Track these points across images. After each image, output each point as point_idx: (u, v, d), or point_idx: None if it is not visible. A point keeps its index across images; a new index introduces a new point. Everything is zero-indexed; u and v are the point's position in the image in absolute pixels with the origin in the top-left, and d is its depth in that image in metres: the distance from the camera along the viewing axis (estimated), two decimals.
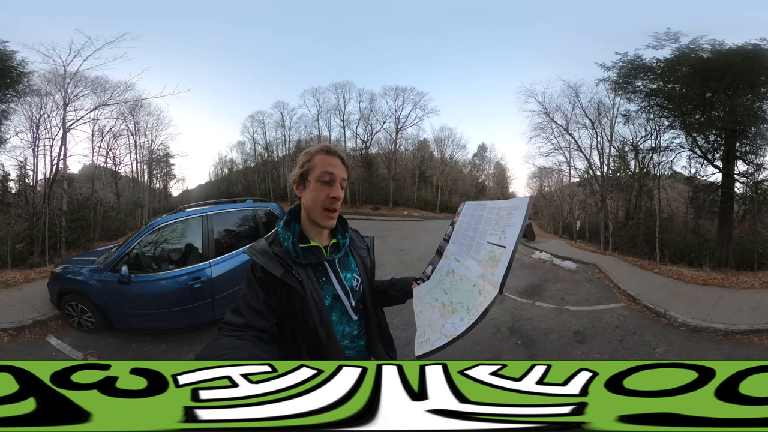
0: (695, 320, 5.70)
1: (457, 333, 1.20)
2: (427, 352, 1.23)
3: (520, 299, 6.87)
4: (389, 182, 15.76)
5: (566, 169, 11.86)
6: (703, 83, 9.00)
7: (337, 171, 1.43)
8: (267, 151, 16.06)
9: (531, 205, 1.27)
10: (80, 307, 5.15)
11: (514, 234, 1.23)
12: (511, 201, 1.34)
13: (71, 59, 9.06)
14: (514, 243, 1.21)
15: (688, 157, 9.67)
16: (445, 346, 1.21)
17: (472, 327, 1.19)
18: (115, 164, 12.26)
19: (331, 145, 1.47)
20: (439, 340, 1.23)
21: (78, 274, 5.19)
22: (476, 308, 1.19)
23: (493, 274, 1.21)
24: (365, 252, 1.66)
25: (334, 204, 1.42)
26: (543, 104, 11.23)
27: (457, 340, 1.20)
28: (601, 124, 10.57)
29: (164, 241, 5.13)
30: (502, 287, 1.17)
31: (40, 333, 5.33)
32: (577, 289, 7.52)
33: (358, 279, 1.56)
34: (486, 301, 1.18)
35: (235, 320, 1.34)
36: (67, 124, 9.69)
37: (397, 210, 15.60)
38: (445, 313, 1.29)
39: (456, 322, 1.22)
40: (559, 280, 8.17)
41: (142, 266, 4.98)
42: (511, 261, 1.19)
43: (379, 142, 15.96)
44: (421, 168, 16.35)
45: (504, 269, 1.18)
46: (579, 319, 6.05)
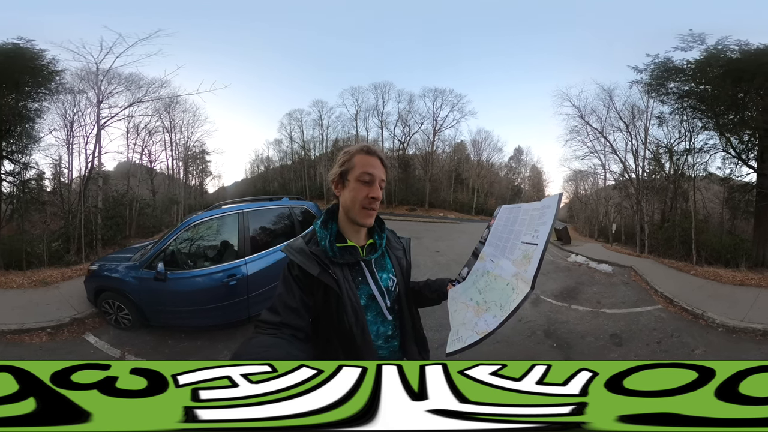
0: (733, 321, 5.60)
1: (489, 330, 1.21)
2: (458, 349, 1.24)
3: (556, 302, 6.77)
4: (426, 184, 15.75)
5: (601, 172, 11.94)
6: (734, 84, 8.87)
7: (376, 171, 1.43)
8: (304, 150, 16.17)
9: (560, 201, 1.28)
10: (117, 305, 5.17)
11: (545, 231, 1.24)
12: (543, 200, 1.35)
13: (103, 56, 9.07)
14: (545, 240, 1.22)
15: (722, 158, 9.59)
16: (477, 342, 1.22)
17: (503, 323, 1.20)
18: (150, 161, 12.30)
19: (371, 146, 1.48)
20: (471, 337, 1.24)
21: (114, 271, 5.23)
22: (509, 305, 1.21)
23: (525, 272, 1.22)
24: (401, 253, 1.66)
25: (373, 204, 1.42)
26: (578, 108, 11.29)
27: (489, 337, 1.21)
28: (635, 126, 10.59)
29: (200, 238, 5.14)
30: (533, 283, 1.19)
31: (78, 331, 5.37)
32: (613, 292, 7.42)
33: (393, 279, 1.56)
34: (518, 297, 1.19)
35: (271, 318, 1.34)
36: (101, 122, 9.74)
37: (433, 212, 15.59)
38: (479, 311, 1.30)
39: (489, 319, 1.23)
40: (595, 283, 8.06)
41: (178, 263, 4.99)
42: (542, 257, 1.20)
43: (417, 144, 16.01)
44: (458, 170, 16.32)
45: (536, 266, 1.20)
46: (615, 321, 5.96)
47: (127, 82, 9.98)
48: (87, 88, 9.47)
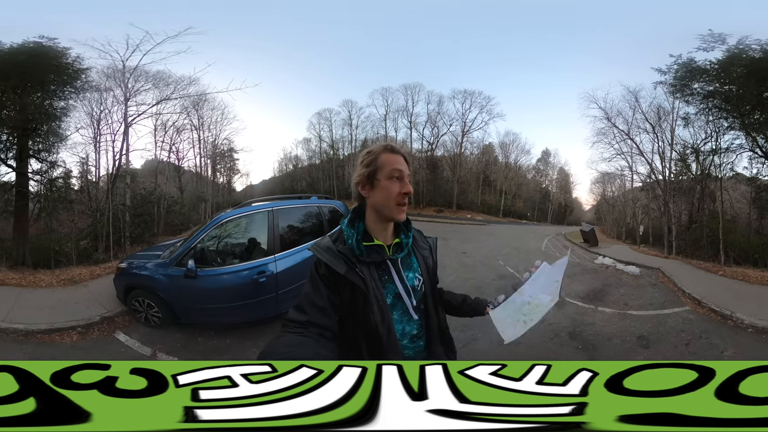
0: (763, 321, 5.50)
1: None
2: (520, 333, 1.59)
3: (582, 304, 6.67)
4: (454, 185, 15.67)
5: (628, 174, 11.91)
6: (759, 83, 8.74)
7: (404, 168, 1.46)
8: (333, 149, 16.09)
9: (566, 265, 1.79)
10: (147, 302, 5.19)
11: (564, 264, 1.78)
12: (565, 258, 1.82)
13: (129, 54, 8.99)
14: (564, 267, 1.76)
15: (749, 158, 9.46)
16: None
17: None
18: (178, 159, 12.22)
19: (393, 144, 1.50)
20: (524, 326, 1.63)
21: (144, 269, 5.25)
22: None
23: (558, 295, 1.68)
24: (428, 252, 1.66)
25: (405, 199, 1.45)
26: (605, 110, 11.21)
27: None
28: (661, 128, 10.56)
29: (228, 236, 5.16)
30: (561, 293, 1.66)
31: (108, 330, 5.37)
32: (640, 294, 7.32)
33: (420, 279, 1.56)
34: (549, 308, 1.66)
35: (298, 317, 1.36)
36: (128, 119, 9.71)
37: (461, 213, 15.50)
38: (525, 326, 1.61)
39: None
40: (623, 285, 7.96)
41: (207, 260, 5.01)
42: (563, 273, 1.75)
43: (445, 145, 15.80)
44: (485, 172, 16.26)
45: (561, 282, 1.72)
46: (643, 323, 5.88)
47: (154, 79, 9.89)
48: (113, 86, 9.45)
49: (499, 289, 1.98)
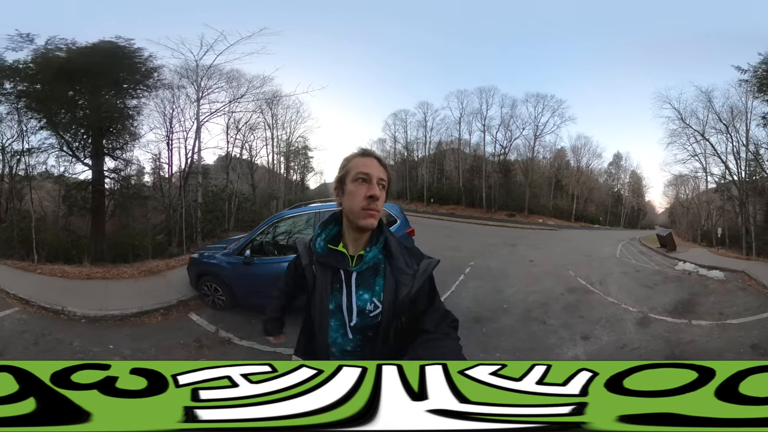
0: None
1: None
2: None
3: (672, 320, 5.93)
4: (526, 189, 15.33)
5: (702, 176, 11.55)
6: None
7: (372, 171, 1.37)
8: (407, 150, 16.16)
9: None
10: (214, 287, 5.85)
11: None
12: None
13: (203, 53, 9.07)
14: None
15: None
16: None
17: None
18: (251, 156, 12.39)
19: (366, 148, 1.47)
20: None
21: (212, 258, 5.99)
22: None
23: None
24: (408, 278, 1.38)
25: (372, 204, 1.35)
26: (678, 110, 10.94)
27: None
28: (735, 128, 10.25)
29: (281, 233, 5.71)
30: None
31: (184, 311, 6.06)
32: (733, 300, 6.51)
33: (376, 305, 1.39)
34: None
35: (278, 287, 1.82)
36: (201, 117, 9.81)
37: (532, 218, 15.14)
38: None
39: None
40: (710, 293, 7.11)
41: (264, 251, 5.60)
42: None
43: (518, 149, 15.54)
44: (557, 176, 15.78)
45: None
46: (748, 331, 5.20)
47: (227, 78, 10.00)
48: (186, 84, 9.51)
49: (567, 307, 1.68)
